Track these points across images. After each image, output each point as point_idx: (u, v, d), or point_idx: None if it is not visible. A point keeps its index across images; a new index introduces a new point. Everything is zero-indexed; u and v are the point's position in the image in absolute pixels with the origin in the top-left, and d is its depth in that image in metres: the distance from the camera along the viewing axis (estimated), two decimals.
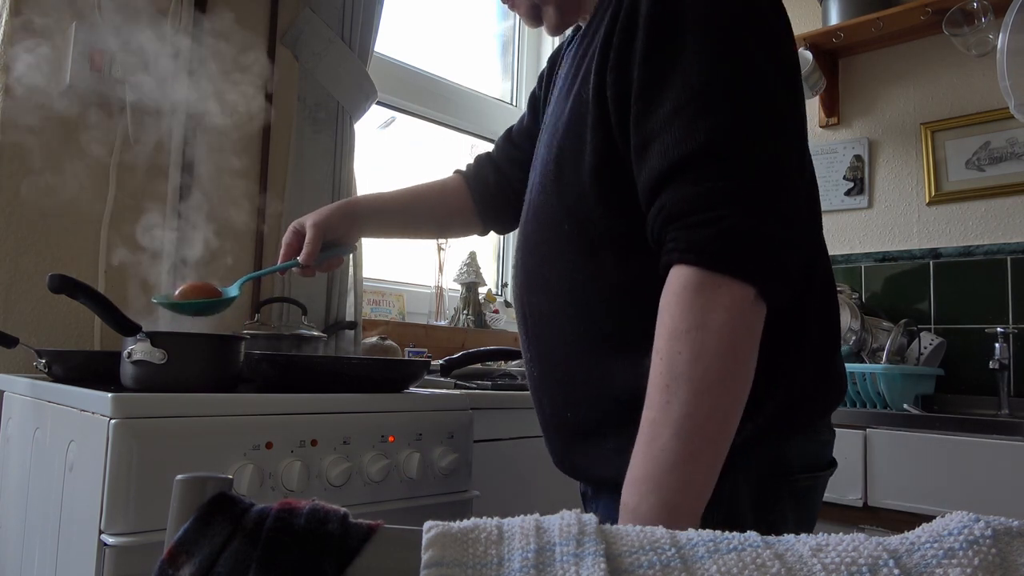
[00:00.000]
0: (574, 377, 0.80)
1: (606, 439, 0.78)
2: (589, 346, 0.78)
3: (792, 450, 0.76)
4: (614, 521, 0.70)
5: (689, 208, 0.64)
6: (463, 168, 1.21)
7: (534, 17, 0.91)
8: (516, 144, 1.17)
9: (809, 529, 0.81)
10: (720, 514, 0.68)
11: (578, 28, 0.95)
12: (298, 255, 1.04)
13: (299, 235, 1.06)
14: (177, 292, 1.08)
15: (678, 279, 0.64)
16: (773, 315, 0.67)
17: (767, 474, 0.75)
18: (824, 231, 0.85)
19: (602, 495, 0.82)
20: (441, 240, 2.27)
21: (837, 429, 0.83)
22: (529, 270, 0.85)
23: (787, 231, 0.65)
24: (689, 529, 0.48)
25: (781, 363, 0.73)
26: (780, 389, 0.73)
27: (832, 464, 0.84)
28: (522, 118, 1.18)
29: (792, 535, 0.41)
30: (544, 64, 1.15)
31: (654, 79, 0.69)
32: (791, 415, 0.75)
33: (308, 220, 1.06)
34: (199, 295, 1.07)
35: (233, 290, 1.09)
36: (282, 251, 1.08)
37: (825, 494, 0.85)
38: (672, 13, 0.69)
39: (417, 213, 1.16)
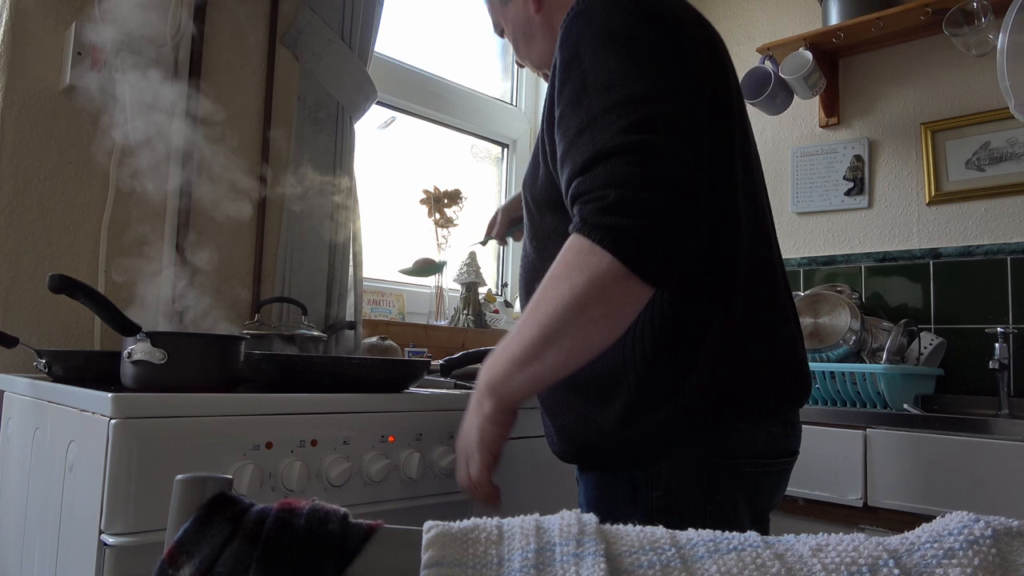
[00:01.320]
0: None
1: (561, 418, 0.93)
2: None
3: (733, 437, 0.86)
4: (590, 497, 0.91)
5: (585, 190, 0.76)
6: None
7: (542, 76, 1.16)
8: None
9: (763, 513, 0.93)
10: (659, 490, 0.85)
11: None
12: (491, 236, 1.42)
13: (495, 217, 1.42)
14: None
15: (569, 240, 0.76)
16: (688, 311, 0.82)
17: (706, 459, 0.85)
18: (824, 231, 0.88)
19: (583, 473, 0.95)
20: (441, 240, 2.27)
21: (837, 429, 0.87)
22: (520, 276, 1.04)
23: (668, 214, 0.73)
24: (498, 404, 0.83)
25: (696, 355, 0.84)
26: (696, 377, 0.83)
27: (791, 453, 0.95)
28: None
29: (792, 535, 0.41)
30: None
31: (563, 109, 0.83)
32: (717, 404, 0.84)
33: (501, 206, 1.43)
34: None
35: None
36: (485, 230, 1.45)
37: (825, 494, 0.90)
38: (568, 59, 0.85)
39: None
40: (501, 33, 1.19)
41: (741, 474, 0.87)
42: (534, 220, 0.98)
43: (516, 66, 2.87)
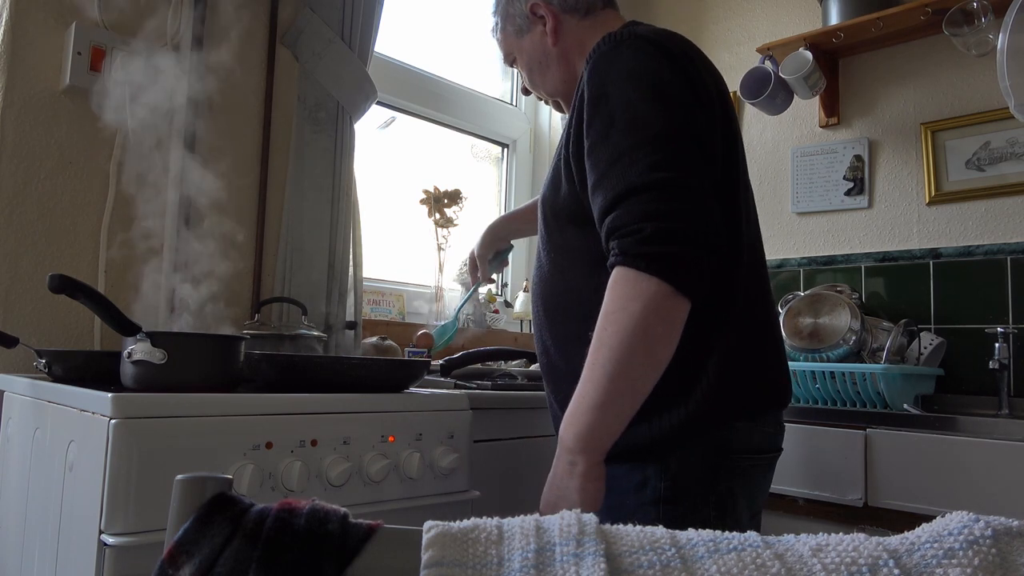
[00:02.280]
0: (555, 369, 1.05)
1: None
2: (569, 342, 1.01)
3: (735, 437, 0.96)
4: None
5: (622, 224, 0.86)
6: None
7: (560, 108, 1.24)
8: None
9: (756, 502, 1.03)
10: (667, 481, 0.93)
11: None
12: (478, 279, 1.53)
13: (473, 260, 1.53)
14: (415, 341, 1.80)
15: (613, 275, 0.86)
16: (694, 325, 0.88)
17: (711, 455, 0.94)
18: (824, 231, 0.92)
19: None
20: (441, 240, 2.27)
21: (837, 429, 0.92)
22: (534, 287, 1.12)
23: (696, 239, 0.83)
24: (591, 458, 0.86)
25: (703, 364, 0.93)
26: (703, 384, 0.93)
27: (778, 449, 1.05)
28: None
29: (792, 535, 0.41)
30: None
31: (595, 145, 0.92)
32: (722, 405, 0.93)
33: (474, 250, 1.52)
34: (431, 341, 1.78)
35: (452, 323, 1.74)
36: (469, 278, 1.56)
37: (825, 494, 0.97)
38: (599, 93, 0.94)
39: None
40: (512, 63, 1.26)
41: (739, 468, 0.96)
42: (552, 234, 1.06)
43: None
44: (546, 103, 1.29)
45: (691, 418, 0.92)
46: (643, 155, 0.87)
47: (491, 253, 1.51)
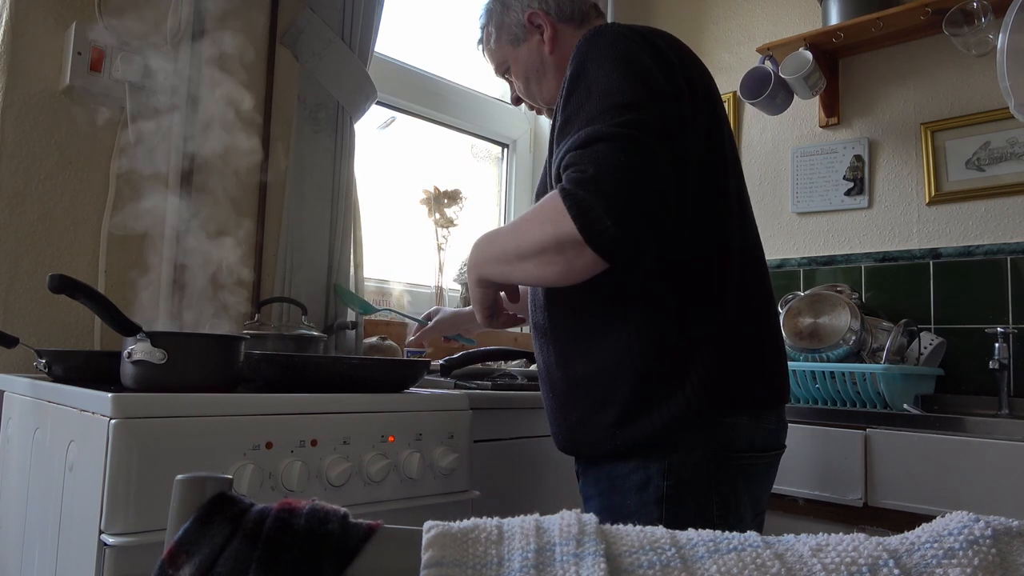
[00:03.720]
0: (551, 369, 1.04)
1: (580, 416, 0.99)
2: (557, 343, 1.02)
3: (737, 433, 0.95)
4: (601, 488, 0.99)
5: (573, 162, 0.85)
6: None
7: (552, 115, 1.18)
8: None
9: (760, 501, 1.02)
10: (671, 479, 0.92)
11: None
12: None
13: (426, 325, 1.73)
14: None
15: (552, 193, 0.86)
16: (692, 313, 0.93)
17: (713, 451, 0.94)
18: (824, 231, 0.91)
19: (592, 466, 1.01)
20: (441, 240, 2.27)
21: (837, 429, 0.90)
22: (531, 289, 1.13)
23: (634, 202, 0.82)
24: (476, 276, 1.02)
25: (694, 354, 0.93)
26: (697, 375, 0.92)
27: (781, 447, 1.04)
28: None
29: (792, 535, 0.41)
30: None
31: (569, 117, 0.92)
32: (718, 397, 0.93)
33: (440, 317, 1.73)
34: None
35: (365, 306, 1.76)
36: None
37: (825, 494, 0.95)
38: (577, 75, 0.95)
39: None
40: (504, 72, 1.28)
41: (742, 466, 0.96)
42: None
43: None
44: (538, 112, 1.30)
45: (689, 411, 0.92)
46: (611, 117, 0.87)
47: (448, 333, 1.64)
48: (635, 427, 0.93)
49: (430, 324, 1.67)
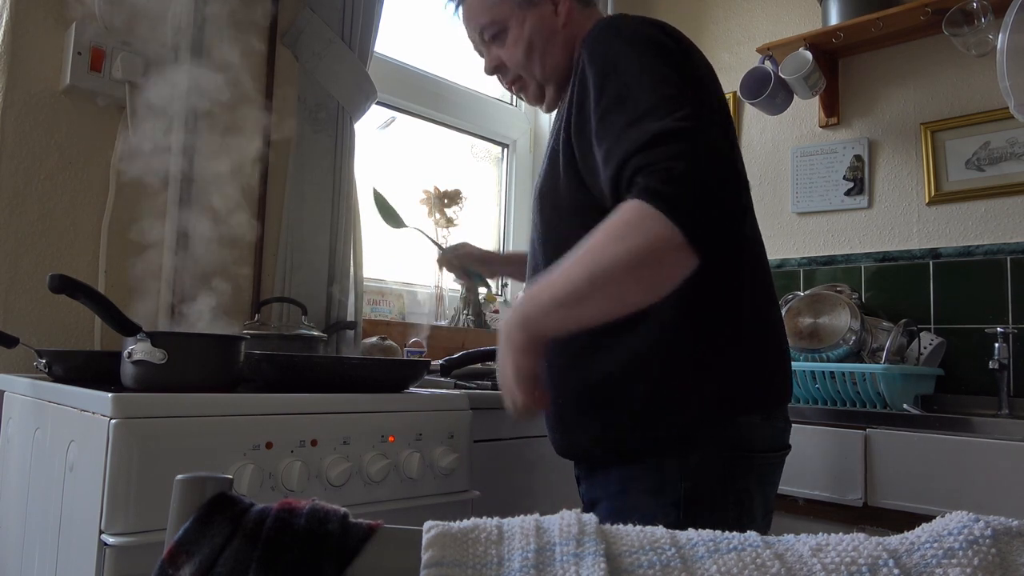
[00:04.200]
0: (558, 371, 0.98)
1: (591, 420, 0.96)
2: (567, 344, 0.94)
3: (750, 431, 0.94)
4: (610, 492, 0.95)
5: (649, 163, 0.79)
6: None
7: (539, 97, 1.14)
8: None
9: (769, 500, 1.00)
10: (688, 481, 0.90)
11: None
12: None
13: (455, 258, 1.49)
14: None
15: (627, 202, 0.79)
16: (706, 314, 0.90)
17: (729, 451, 0.92)
18: (824, 231, 0.91)
19: (597, 470, 0.98)
20: (441, 240, 2.27)
21: (837, 429, 0.92)
22: (530, 279, 1.05)
23: (722, 197, 0.78)
24: (530, 322, 0.84)
25: (713, 359, 0.91)
26: (714, 378, 0.91)
27: (787, 447, 1.03)
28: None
29: (792, 535, 0.41)
30: None
31: (608, 111, 0.87)
32: (731, 401, 0.92)
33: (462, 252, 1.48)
34: None
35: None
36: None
37: (825, 494, 0.97)
38: (606, 66, 0.91)
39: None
40: (492, 36, 1.13)
41: (755, 466, 0.95)
42: (552, 229, 1.02)
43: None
44: (517, 90, 1.17)
45: (706, 412, 0.91)
46: (666, 111, 0.82)
47: (471, 265, 1.48)
48: (652, 429, 0.91)
49: (454, 252, 1.52)
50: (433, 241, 1.78)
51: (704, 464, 0.91)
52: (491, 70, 1.17)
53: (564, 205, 0.98)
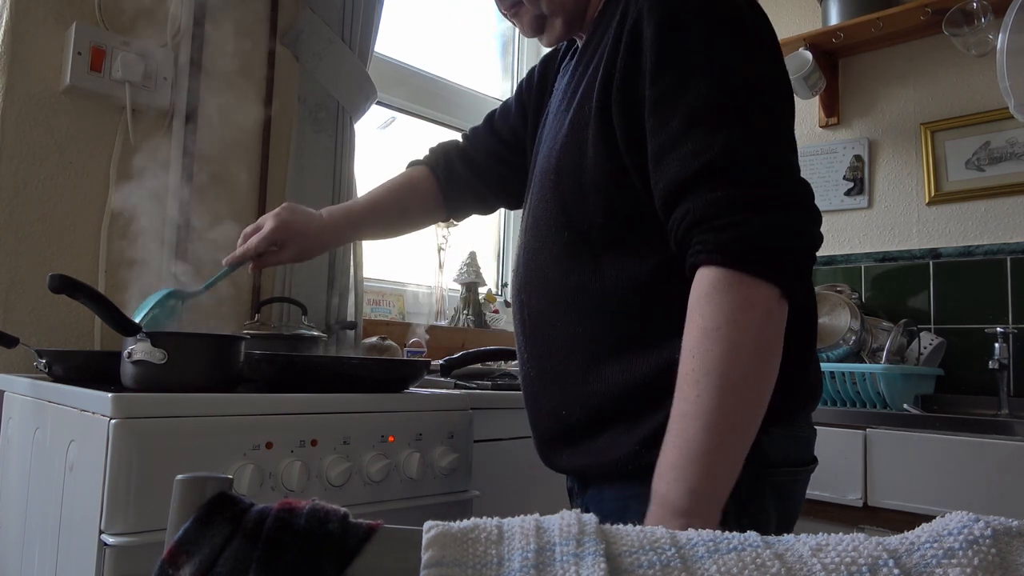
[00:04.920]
0: (569, 377, 0.85)
1: (599, 435, 0.83)
2: (585, 347, 0.83)
3: (770, 443, 0.79)
4: (605, 510, 0.80)
5: (714, 212, 0.69)
6: (425, 159, 1.23)
7: (536, 28, 0.94)
8: (500, 138, 1.17)
9: (790, 525, 0.86)
10: None
11: (573, 43, 0.99)
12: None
13: (270, 242, 1.13)
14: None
15: (707, 279, 0.69)
16: None
17: (745, 466, 0.76)
18: (824, 231, 0.86)
19: (589, 488, 0.87)
20: (441, 240, 2.27)
21: (837, 429, 0.85)
22: (530, 273, 0.90)
23: (803, 231, 0.70)
24: (710, 517, 0.62)
25: None
26: None
27: (813, 461, 0.88)
28: (507, 112, 1.17)
29: (792, 535, 0.41)
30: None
31: (665, 96, 0.74)
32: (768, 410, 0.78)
33: (288, 249, 1.13)
34: None
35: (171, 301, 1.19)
36: (240, 246, 1.17)
37: (825, 494, 0.88)
38: (675, 34, 0.74)
39: (391, 217, 1.21)
40: None
41: (774, 483, 0.81)
42: (569, 208, 0.84)
43: (514, 61, 2.87)
44: (508, 15, 0.95)
45: None
46: (735, 118, 0.71)
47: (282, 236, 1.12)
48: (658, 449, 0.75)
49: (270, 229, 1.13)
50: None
51: None
52: (510, 6, 0.95)
53: (590, 182, 0.81)
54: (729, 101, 0.72)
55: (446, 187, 1.19)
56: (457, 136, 1.26)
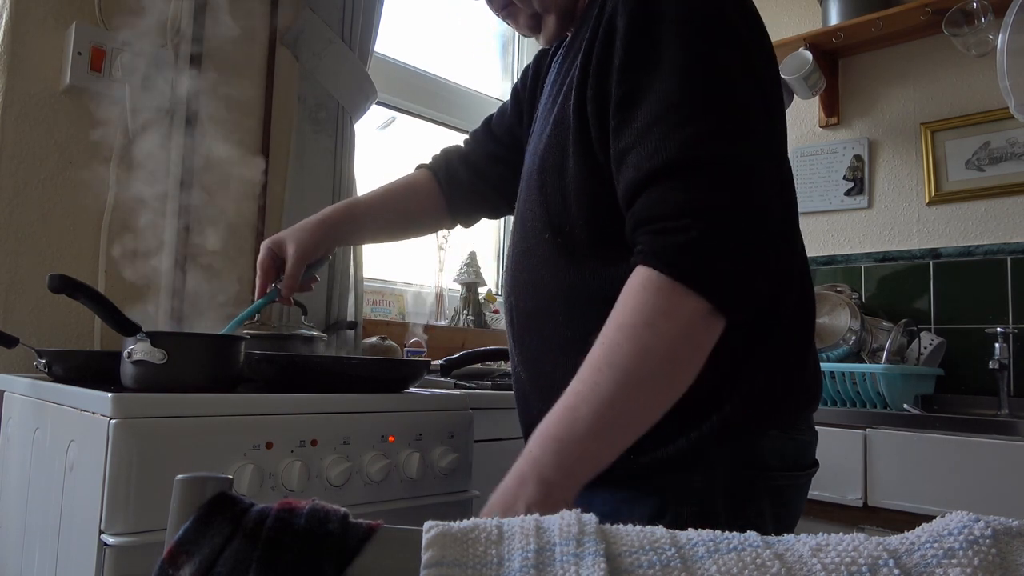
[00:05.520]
0: (559, 380, 0.82)
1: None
2: (574, 350, 0.81)
3: (766, 446, 0.78)
4: (603, 508, 0.76)
5: (658, 214, 0.67)
6: (428, 163, 1.22)
7: (533, 28, 0.92)
8: (497, 140, 1.17)
9: (790, 529, 0.83)
10: (692, 506, 0.75)
11: (566, 38, 0.97)
12: (276, 281, 1.09)
13: (276, 258, 1.09)
14: None
15: (639, 277, 0.67)
16: (736, 330, 0.71)
17: (740, 468, 0.76)
18: (824, 231, 0.86)
19: (583, 491, 0.83)
20: (441, 240, 2.27)
21: (837, 429, 0.85)
22: (518, 275, 0.88)
23: (750, 249, 0.67)
24: (566, 499, 0.65)
25: (748, 359, 0.76)
26: (745, 384, 0.76)
27: (813, 465, 0.86)
28: (503, 112, 1.17)
29: (792, 535, 0.41)
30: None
31: (631, 92, 0.72)
32: (758, 411, 0.77)
33: (289, 246, 1.07)
34: None
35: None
36: (259, 277, 1.09)
37: (825, 494, 0.87)
38: (647, 29, 0.72)
39: (390, 217, 1.19)
40: None
41: (770, 487, 0.80)
42: (556, 211, 0.82)
43: (514, 61, 2.87)
44: (502, 16, 0.94)
45: (724, 427, 0.76)
46: (698, 117, 0.67)
47: (310, 260, 1.10)
48: (661, 448, 0.76)
49: (295, 250, 1.09)
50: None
51: (707, 486, 0.77)
52: (502, 6, 0.93)
53: (571, 182, 0.80)
54: (694, 99, 0.68)
55: (448, 189, 1.18)
56: (457, 137, 1.25)
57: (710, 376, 0.74)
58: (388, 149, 2.32)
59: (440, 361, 1.68)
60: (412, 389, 1.30)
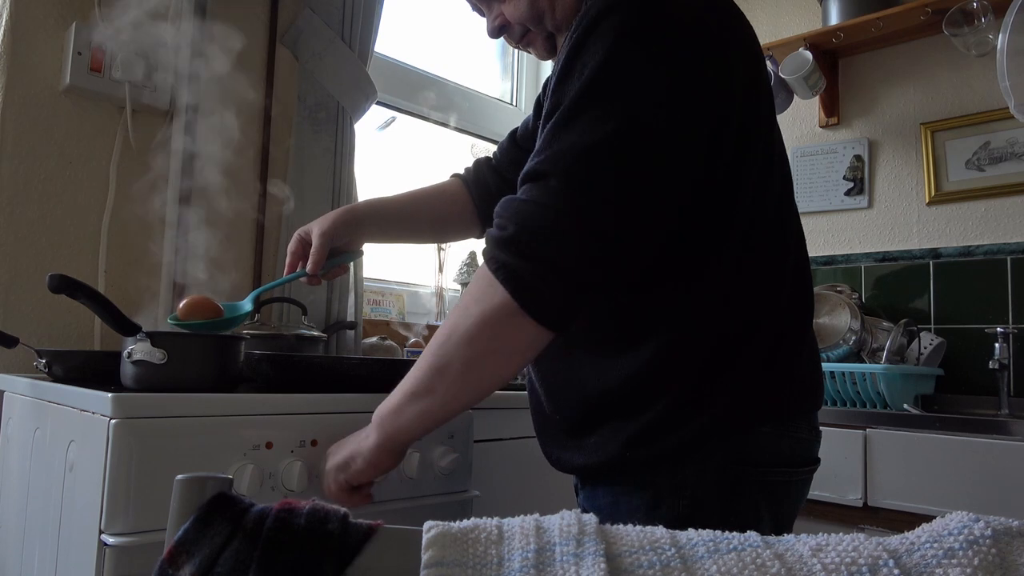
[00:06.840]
0: (556, 380, 0.88)
1: (589, 435, 0.85)
2: (566, 351, 0.86)
3: (759, 442, 0.80)
4: (598, 505, 0.85)
5: (502, 209, 0.73)
6: (461, 172, 1.27)
7: (549, 49, 0.97)
8: (521, 148, 1.21)
9: (787, 526, 0.86)
10: (685, 499, 0.78)
11: None
12: (304, 264, 1.10)
13: (305, 243, 1.12)
14: (180, 307, 1.07)
15: (482, 263, 0.73)
16: (730, 312, 0.78)
17: (731, 464, 0.79)
18: (824, 231, 0.86)
19: (586, 484, 0.89)
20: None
21: (837, 429, 0.85)
22: None
23: (566, 264, 0.69)
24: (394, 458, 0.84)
25: (739, 357, 0.79)
26: (733, 383, 0.78)
27: (812, 463, 0.88)
28: (526, 122, 1.22)
29: (792, 535, 0.41)
30: (543, 67, 1.16)
31: (552, 108, 0.75)
32: (750, 407, 0.79)
33: (314, 228, 1.12)
34: (204, 312, 1.07)
35: (247, 304, 1.13)
36: (288, 260, 1.13)
37: (825, 494, 0.88)
38: (582, 48, 0.73)
39: (419, 218, 1.22)
40: None
41: (767, 483, 0.81)
42: None
43: (514, 61, 2.87)
44: (521, 46, 0.99)
45: (713, 426, 0.78)
46: (583, 125, 0.69)
47: (335, 244, 1.11)
48: (653, 445, 0.79)
49: (321, 230, 1.12)
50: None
51: (700, 481, 0.78)
52: (495, 31, 0.98)
53: None
54: (585, 105, 0.70)
55: (476, 196, 1.21)
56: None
57: (701, 374, 0.78)
58: (388, 149, 2.32)
59: None
60: None
